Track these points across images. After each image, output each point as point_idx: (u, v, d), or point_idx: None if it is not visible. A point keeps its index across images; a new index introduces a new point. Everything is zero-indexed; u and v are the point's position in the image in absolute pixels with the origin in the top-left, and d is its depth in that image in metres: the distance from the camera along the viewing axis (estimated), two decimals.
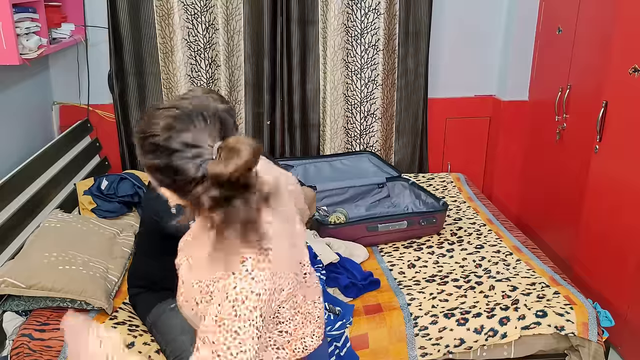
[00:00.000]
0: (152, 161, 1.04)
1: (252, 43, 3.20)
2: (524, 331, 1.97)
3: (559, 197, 2.96)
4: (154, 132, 1.02)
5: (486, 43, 3.44)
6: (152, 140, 1.02)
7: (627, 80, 2.29)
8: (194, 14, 3.10)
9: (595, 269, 2.58)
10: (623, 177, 2.37)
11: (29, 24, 2.34)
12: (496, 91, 3.54)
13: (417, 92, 3.40)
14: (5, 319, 1.98)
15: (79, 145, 3.04)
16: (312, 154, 3.46)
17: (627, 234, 2.35)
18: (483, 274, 2.31)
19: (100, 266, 2.12)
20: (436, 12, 3.30)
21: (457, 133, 3.59)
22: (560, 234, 2.95)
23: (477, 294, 2.17)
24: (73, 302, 1.98)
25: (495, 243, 2.57)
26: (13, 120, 2.67)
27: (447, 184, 3.31)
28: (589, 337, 1.96)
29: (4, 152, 2.54)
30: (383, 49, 3.26)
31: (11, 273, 1.94)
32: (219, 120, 1.03)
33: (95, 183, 2.71)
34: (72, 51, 3.13)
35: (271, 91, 3.30)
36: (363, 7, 3.19)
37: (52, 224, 2.29)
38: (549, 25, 3.09)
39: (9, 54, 2.17)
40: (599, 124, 2.45)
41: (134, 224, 2.58)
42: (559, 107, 2.88)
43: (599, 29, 2.56)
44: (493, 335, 1.98)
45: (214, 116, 1.03)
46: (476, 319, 2.02)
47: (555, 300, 2.08)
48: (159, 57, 3.19)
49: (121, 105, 3.22)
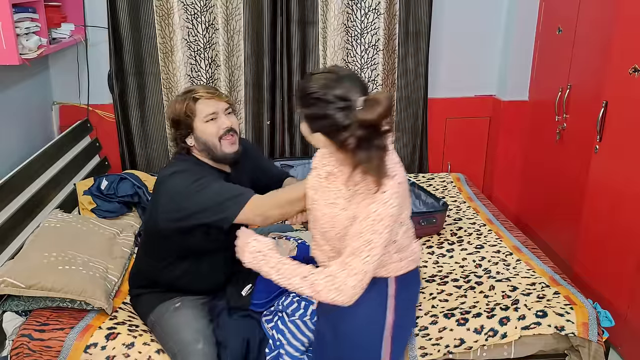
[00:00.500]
0: (312, 111, 1.38)
1: (252, 43, 3.20)
2: (524, 331, 1.97)
3: (559, 197, 2.96)
4: (314, 89, 1.35)
5: (486, 43, 3.44)
6: (312, 95, 1.35)
7: (627, 80, 2.29)
8: (193, 14, 3.10)
9: (595, 269, 2.58)
10: (623, 177, 2.37)
11: (29, 24, 2.34)
12: (496, 91, 3.54)
13: (417, 92, 3.40)
14: (5, 319, 1.98)
15: (79, 145, 3.04)
16: (312, 154, 3.45)
17: (627, 234, 2.34)
18: (483, 274, 2.31)
19: (100, 266, 2.12)
20: (436, 12, 3.30)
21: (457, 133, 3.59)
22: (560, 234, 2.95)
23: (477, 294, 2.17)
24: (73, 302, 1.98)
25: (495, 243, 2.57)
26: (13, 120, 2.67)
27: (447, 184, 3.31)
28: (589, 337, 1.95)
29: (4, 152, 2.54)
30: (383, 49, 3.26)
31: (11, 273, 1.93)
32: (359, 81, 1.39)
33: (95, 183, 2.71)
34: (72, 51, 3.13)
35: (271, 91, 3.30)
36: (363, 7, 3.19)
37: (51, 224, 2.29)
38: (549, 25, 3.09)
39: (9, 54, 2.16)
40: (599, 124, 2.45)
41: (134, 224, 2.58)
42: (559, 107, 2.88)
43: (599, 29, 2.56)
44: (493, 335, 1.97)
45: (357, 79, 1.39)
46: (476, 319, 2.02)
47: (555, 301, 2.07)
48: (159, 57, 3.19)
49: (121, 105, 3.22)
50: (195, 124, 1.84)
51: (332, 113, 1.34)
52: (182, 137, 1.87)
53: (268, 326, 1.94)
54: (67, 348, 1.85)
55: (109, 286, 2.07)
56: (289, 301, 1.98)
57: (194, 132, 1.85)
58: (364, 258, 1.39)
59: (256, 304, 1.98)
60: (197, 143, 1.87)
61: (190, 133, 1.86)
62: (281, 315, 1.96)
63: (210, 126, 1.84)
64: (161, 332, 1.90)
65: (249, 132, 3.36)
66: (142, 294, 2.00)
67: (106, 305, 1.97)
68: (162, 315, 1.92)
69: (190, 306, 1.94)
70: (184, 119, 1.84)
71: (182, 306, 1.93)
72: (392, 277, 1.54)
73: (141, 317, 2.01)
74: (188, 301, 1.96)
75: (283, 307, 1.96)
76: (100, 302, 1.97)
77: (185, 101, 1.84)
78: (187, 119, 1.84)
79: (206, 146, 1.86)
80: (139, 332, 1.94)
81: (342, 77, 1.37)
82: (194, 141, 1.87)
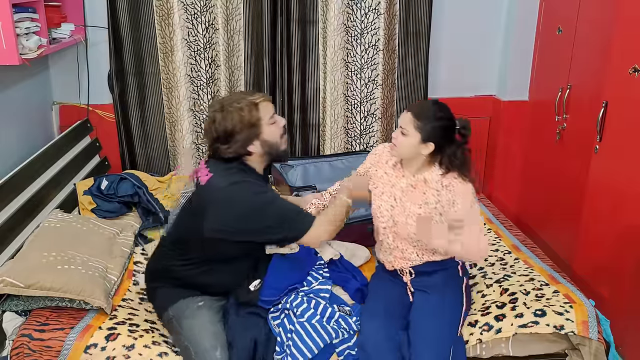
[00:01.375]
0: (440, 132, 1.93)
1: (252, 43, 3.20)
2: (522, 329, 1.97)
3: (559, 197, 2.96)
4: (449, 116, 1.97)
5: (486, 43, 3.44)
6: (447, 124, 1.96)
7: (627, 80, 2.29)
8: (193, 13, 3.10)
9: (595, 269, 2.58)
10: (623, 177, 2.37)
11: (29, 24, 2.34)
12: (496, 91, 3.54)
13: (417, 92, 3.40)
14: (5, 319, 1.98)
15: (79, 145, 3.05)
16: (312, 154, 3.46)
17: (627, 234, 2.34)
18: (480, 274, 2.31)
19: (100, 266, 2.12)
20: (436, 12, 3.30)
21: None
22: (560, 234, 2.95)
23: (474, 293, 2.18)
24: (72, 302, 1.98)
25: (495, 242, 2.57)
26: (13, 120, 2.68)
27: None
28: (589, 335, 1.95)
29: (4, 152, 2.54)
30: (383, 49, 3.26)
31: (10, 273, 1.93)
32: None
33: (95, 183, 2.71)
34: (72, 51, 3.14)
35: (271, 91, 3.30)
36: (363, 7, 3.19)
37: (51, 224, 2.29)
38: (549, 25, 3.08)
39: (9, 54, 2.17)
40: (599, 124, 2.45)
41: (134, 224, 2.58)
42: (559, 107, 2.88)
43: (599, 29, 2.56)
44: (488, 330, 1.98)
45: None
46: (472, 315, 2.03)
47: (554, 299, 2.07)
48: (159, 57, 3.19)
49: (121, 105, 3.22)
50: (262, 129, 1.87)
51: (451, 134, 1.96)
52: (244, 146, 1.87)
53: (274, 323, 1.94)
54: (67, 348, 1.85)
55: (108, 285, 2.07)
56: (299, 301, 1.97)
57: (259, 137, 1.88)
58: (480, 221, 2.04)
59: (265, 301, 1.98)
60: (262, 147, 1.90)
61: (254, 140, 1.87)
62: (288, 313, 1.95)
63: (275, 127, 1.91)
64: (179, 328, 1.90)
65: None
66: (162, 286, 2.01)
67: (105, 304, 1.97)
68: (183, 312, 1.92)
69: (209, 307, 1.95)
70: (251, 126, 1.85)
71: (203, 306, 1.94)
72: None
73: (157, 309, 2.03)
74: (208, 301, 1.96)
75: (291, 305, 1.96)
76: (100, 302, 1.97)
77: (249, 108, 1.85)
78: (255, 126, 1.86)
79: (272, 148, 1.91)
80: (139, 332, 1.94)
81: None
82: (258, 146, 1.89)
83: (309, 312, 1.94)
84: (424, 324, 1.92)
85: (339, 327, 1.94)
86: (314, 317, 1.92)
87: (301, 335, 1.88)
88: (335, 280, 2.17)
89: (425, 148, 1.92)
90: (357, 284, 2.16)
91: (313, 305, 1.95)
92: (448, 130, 1.93)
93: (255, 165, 1.94)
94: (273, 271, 2.06)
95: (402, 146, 1.93)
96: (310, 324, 1.90)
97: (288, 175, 3.14)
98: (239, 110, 1.85)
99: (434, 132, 1.90)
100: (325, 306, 1.96)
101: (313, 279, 2.10)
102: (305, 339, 1.87)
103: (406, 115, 1.93)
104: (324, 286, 2.06)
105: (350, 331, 1.96)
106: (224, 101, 1.90)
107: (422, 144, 1.91)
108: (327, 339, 1.89)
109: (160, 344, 1.91)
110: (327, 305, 1.98)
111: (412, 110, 1.93)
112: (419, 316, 1.95)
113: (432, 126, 1.90)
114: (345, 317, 1.97)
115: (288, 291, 2.01)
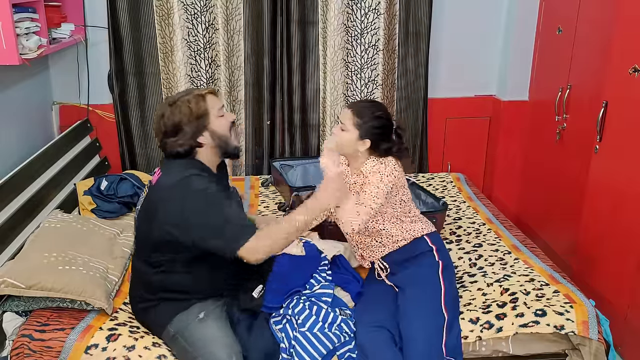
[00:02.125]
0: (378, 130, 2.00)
1: (252, 43, 3.20)
2: (522, 329, 1.97)
3: (558, 197, 2.96)
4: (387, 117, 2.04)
5: (486, 43, 3.44)
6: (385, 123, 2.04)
7: (627, 80, 2.29)
8: (193, 13, 3.10)
9: (595, 269, 2.58)
10: (623, 177, 2.37)
11: (29, 24, 2.34)
12: (496, 91, 3.54)
13: (417, 92, 3.40)
14: (5, 320, 1.98)
15: (79, 145, 3.04)
16: (312, 154, 3.46)
17: (627, 234, 2.35)
18: (480, 273, 2.31)
19: (100, 266, 2.12)
20: (436, 12, 3.30)
21: (457, 133, 3.59)
22: (560, 234, 2.95)
23: (474, 291, 2.18)
24: (73, 303, 1.98)
25: (495, 242, 2.57)
26: (13, 120, 2.67)
27: (447, 184, 3.31)
28: (589, 335, 1.95)
29: (4, 152, 2.54)
30: (383, 49, 3.26)
31: (11, 273, 1.93)
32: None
33: (95, 183, 2.71)
34: (72, 51, 3.14)
35: (271, 91, 3.30)
36: (363, 7, 3.19)
37: (52, 224, 2.29)
38: (549, 25, 3.09)
39: (9, 54, 2.17)
40: (599, 124, 2.45)
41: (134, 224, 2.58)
42: (559, 107, 2.88)
43: (599, 29, 2.56)
44: (489, 328, 1.98)
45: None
46: (472, 312, 2.04)
47: (555, 299, 2.07)
48: (159, 57, 3.19)
49: (121, 105, 3.22)
50: (209, 119, 1.85)
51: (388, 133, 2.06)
52: (193, 137, 1.85)
53: (276, 328, 1.93)
54: (67, 348, 1.85)
55: (109, 286, 2.07)
56: (300, 307, 1.95)
57: (208, 129, 1.85)
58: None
59: (269, 307, 1.96)
60: (212, 138, 1.87)
61: (203, 131, 1.85)
62: (290, 319, 1.95)
63: (223, 120, 1.89)
64: (185, 345, 1.84)
65: (249, 131, 3.36)
66: (152, 306, 1.93)
67: (106, 305, 1.97)
68: (186, 327, 1.86)
69: (214, 317, 1.89)
70: (199, 117, 1.83)
71: (206, 317, 1.88)
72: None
73: (155, 331, 1.94)
74: (210, 311, 1.90)
75: (293, 312, 1.94)
76: (101, 302, 1.96)
77: (196, 100, 1.84)
78: (203, 117, 1.84)
79: (221, 140, 1.88)
80: (140, 333, 1.93)
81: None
82: (208, 138, 1.86)
83: (311, 319, 1.92)
84: (406, 320, 1.94)
85: (341, 332, 1.93)
86: (316, 325, 1.91)
87: (304, 345, 1.87)
88: (336, 281, 2.17)
89: (362, 144, 2.00)
90: (358, 287, 2.15)
91: (315, 312, 1.94)
92: (384, 129, 2.02)
93: (207, 161, 1.90)
94: (276, 275, 2.04)
95: (342, 141, 2.02)
96: (312, 333, 1.89)
97: (288, 175, 3.14)
98: (187, 103, 1.83)
99: (371, 130, 2.00)
100: (327, 312, 1.95)
101: (315, 281, 2.08)
102: (308, 349, 1.86)
103: (346, 112, 2.02)
104: (326, 290, 2.05)
105: (352, 334, 1.96)
106: (172, 97, 1.90)
107: (359, 140, 2.00)
108: (330, 345, 1.89)
109: (161, 346, 1.90)
110: (329, 310, 1.96)
111: (352, 107, 2.03)
112: (402, 313, 1.98)
113: (370, 124, 1.99)
114: (347, 320, 1.97)
115: (290, 294, 2.00)
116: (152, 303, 1.93)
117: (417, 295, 1.99)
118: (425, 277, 2.04)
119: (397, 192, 2.05)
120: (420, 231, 2.10)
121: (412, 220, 2.11)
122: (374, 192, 1.96)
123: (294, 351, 1.87)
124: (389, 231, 2.07)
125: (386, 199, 2.00)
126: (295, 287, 2.02)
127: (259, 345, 1.87)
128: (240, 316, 1.95)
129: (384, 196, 1.97)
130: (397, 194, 2.05)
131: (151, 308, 1.93)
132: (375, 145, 2.01)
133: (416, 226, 2.10)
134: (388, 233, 2.07)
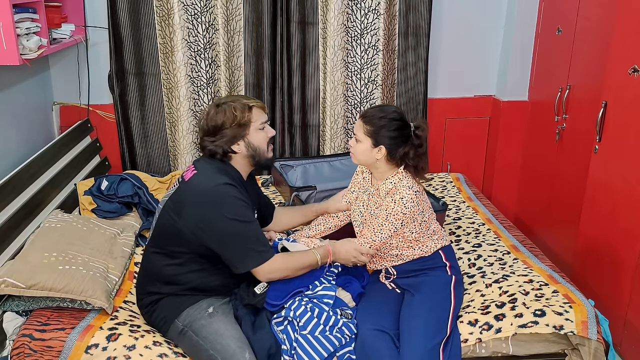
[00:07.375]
0: (390, 133, 1.93)
1: (252, 43, 3.21)
2: (522, 329, 1.97)
3: (558, 197, 2.96)
4: (399, 118, 1.96)
5: (486, 43, 3.45)
6: (398, 125, 1.95)
7: (627, 80, 2.29)
8: (194, 14, 3.10)
9: (595, 269, 2.59)
10: (622, 177, 2.38)
11: (29, 24, 2.34)
12: (496, 91, 3.55)
13: (417, 93, 3.41)
14: (6, 319, 1.98)
15: (79, 146, 3.05)
16: (312, 154, 3.47)
17: (627, 234, 2.35)
18: (479, 274, 2.31)
19: (101, 266, 2.12)
20: (436, 12, 3.31)
21: (456, 133, 3.59)
22: (560, 234, 2.95)
23: (473, 293, 2.18)
24: (73, 302, 1.98)
25: (494, 242, 2.57)
26: (13, 121, 2.68)
27: (446, 184, 3.32)
28: (588, 335, 1.95)
29: (4, 152, 2.55)
30: (383, 49, 3.27)
31: (11, 273, 1.94)
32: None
33: (96, 183, 2.71)
34: (72, 51, 3.14)
35: (271, 91, 3.30)
36: (363, 8, 3.20)
37: (52, 224, 2.29)
38: (549, 25, 3.09)
39: (9, 54, 2.17)
40: (599, 124, 2.45)
41: (134, 224, 2.58)
42: (559, 107, 2.88)
43: (598, 29, 2.56)
44: (488, 329, 1.98)
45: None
46: (471, 314, 2.04)
47: (554, 299, 2.07)
48: (159, 57, 3.19)
49: (121, 106, 3.23)
50: (249, 130, 1.94)
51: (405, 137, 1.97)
52: (229, 143, 1.93)
53: (278, 329, 1.93)
54: (68, 348, 1.85)
55: (110, 286, 2.07)
56: (302, 310, 1.94)
57: (245, 138, 1.94)
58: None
59: (271, 304, 1.97)
60: (247, 148, 1.95)
61: (240, 139, 1.93)
62: (291, 320, 1.95)
63: (263, 133, 1.97)
64: (196, 338, 1.86)
65: None
66: (159, 299, 1.95)
67: (106, 304, 1.97)
68: (196, 321, 1.88)
69: (223, 312, 1.93)
70: (240, 125, 1.92)
71: (215, 312, 1.91)
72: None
73: (160, 326, 1.96)
74: (218, 306, 1.94)
75: (294, 314, 1.94)
76: (101, 302, 1.97)
77: (242, 108, 1.93)
78: (244, 126, 1.93)
79: (256, 152, 1.97)
80: (140, 332, 1.93)
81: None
82: (243, 147, 1.95)
83: (312, 322, 1.91)
84: (408, 323, 1.93)
85: (342, 335, 1.93)
86: (317, 328, 1.90)
87: (305, 348, 1.86)
88: (337, 281, 2.17)
89: (378, 152, 1.95)
90: (359, 287, 2.15)
91: (316, 314, 1.94)
92: (398, 132, 1.93)
93: (239, 168, 1.99)
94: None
95: (357, 153, 1.98)
96: (314, 336, 1.89)
97: (288, 175, 3.15)
98: (233, 109, 1.92)
99: (382, 136, 1.93)
100: (329, 315, 1.95)
101: (318, 282, 2.09)
102: (309, 351, 1.86)
103: (358, 122, 1.98)
104: (328, 292, 2.05)
105: (352, 335, 1.96)
106: (222, 99, 2.00)
107: (374, 148, 1.94)
108: (331, 348, 1.88)
109: (162, 345, 1.91)
110: (330, 313, 1.96)
111: (362, 116, 1.98)
112: (404, 315, 1.97)
113: (380, 130, 1.93)
114: (348, 324, 1.96)
115: (292, 294, 2.00)
116: (160, 296, 1.96)
117: (426, 301, 1.97)
118: (438, 287, 2.02)
119: (414, 219, 1.99)
120: (436, 246, 2.08)
121: (430, 236, 2.07)
122: (377, 228, 1.96)
123: (295, 353, 1.87)
124: (404, 253, 2.07)
125: (402, 225, 1.97)
126: (299, 287, 2.02)
127: (264, 343, 1.88)
128: (243, 313, 1.96)
129: (388, 231, 1.96)
130: (414, 221, 2.00)
131: (158, 301, 1.96)
132: (391, 151, 1.94)
133: (433, 242, 2.07)
134: (402, 255, 2.07)
